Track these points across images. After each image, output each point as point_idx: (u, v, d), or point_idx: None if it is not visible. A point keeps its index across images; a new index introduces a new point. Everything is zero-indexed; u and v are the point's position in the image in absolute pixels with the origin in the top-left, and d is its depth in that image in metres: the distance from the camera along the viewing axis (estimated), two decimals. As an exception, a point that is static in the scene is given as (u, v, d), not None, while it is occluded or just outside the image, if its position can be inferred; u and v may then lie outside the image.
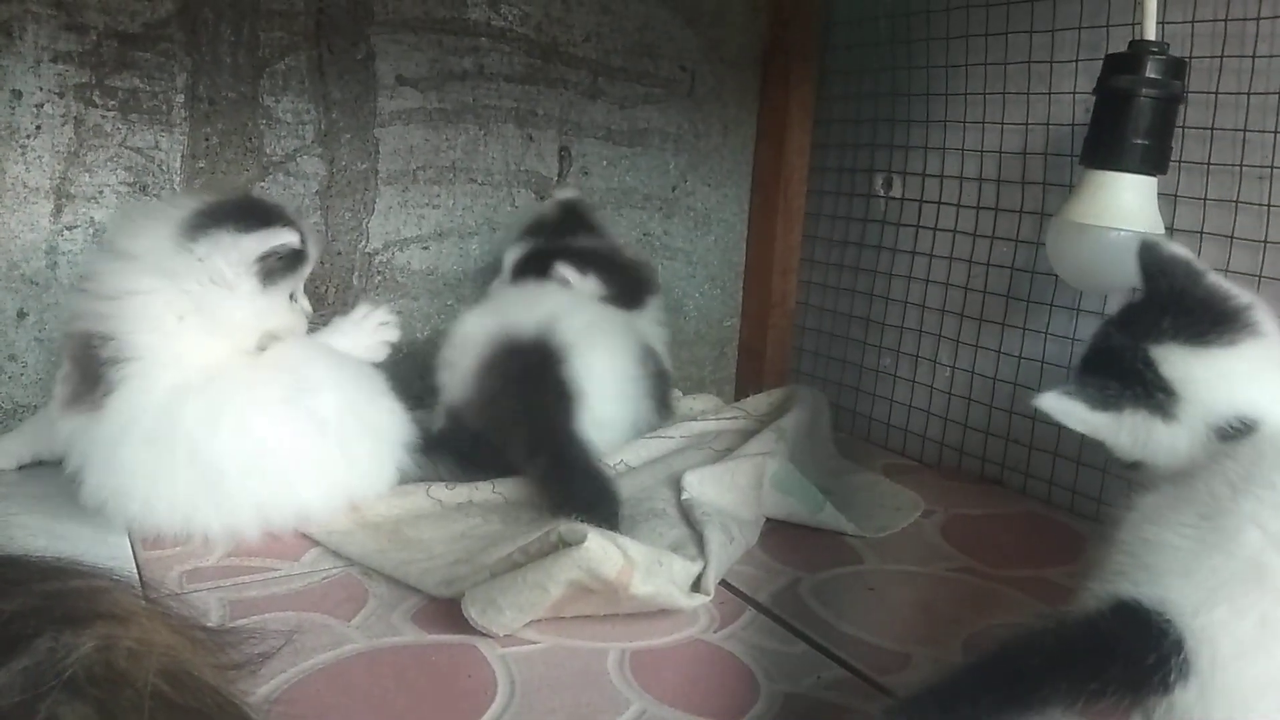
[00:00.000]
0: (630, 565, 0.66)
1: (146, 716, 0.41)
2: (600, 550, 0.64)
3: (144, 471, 0.72)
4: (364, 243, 1.05)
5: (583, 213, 1.06)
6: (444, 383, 0.91)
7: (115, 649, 0.43)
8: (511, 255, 1.00)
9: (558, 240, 1.01)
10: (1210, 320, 0.57)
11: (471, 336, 0.89)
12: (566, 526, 0.66)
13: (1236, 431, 0.54)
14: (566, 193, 1.08)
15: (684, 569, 0.71)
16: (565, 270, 0.96)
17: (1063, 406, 0.58)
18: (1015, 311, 1.01)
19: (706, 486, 0.84)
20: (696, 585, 0.72)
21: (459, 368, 0.89)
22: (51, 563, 0.52)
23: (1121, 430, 0.57)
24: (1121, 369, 0.57)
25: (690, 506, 0.81)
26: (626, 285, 1.01)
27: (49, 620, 0.44)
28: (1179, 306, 0.58)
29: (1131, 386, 0.56)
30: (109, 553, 0.74)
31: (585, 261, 0.98)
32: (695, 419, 1.02)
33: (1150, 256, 0.61)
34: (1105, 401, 0.57)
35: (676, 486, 0.84)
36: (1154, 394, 0.56)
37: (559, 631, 0.67)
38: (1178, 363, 0.56)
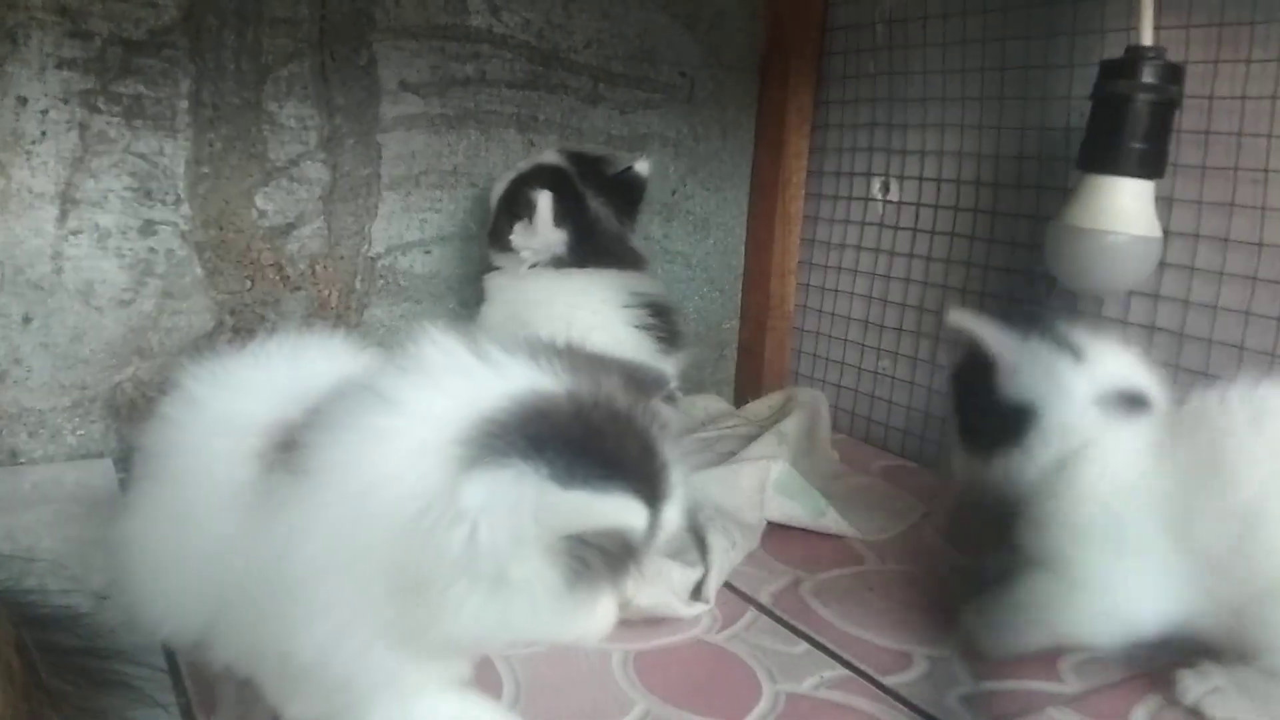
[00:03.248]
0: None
1: None
2: None
3: None
4: (367, 247, 1.06)
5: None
6: None
7: None
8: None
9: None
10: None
11: None
12: None
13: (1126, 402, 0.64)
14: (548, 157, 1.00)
15: (684, 577, 0.72)
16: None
17: (976, 323, 0.66)
18: (1013, 314, 1.01)
19: (710, 489, 0.84)
20: (697, 592, 0.72)
21: None
22: None
23: (1024, 354, 0.65)
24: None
25: (693, 509, 0.82)
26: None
27: None
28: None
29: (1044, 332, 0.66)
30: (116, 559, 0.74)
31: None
32: (697, 432, 1.03)
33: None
34: (1017, 329, 0.66)
35: (678, 488, 0.85)
36: (1067, 344, 0.66)
37: (563, 632, 0.68)
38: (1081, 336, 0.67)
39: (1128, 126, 0.77)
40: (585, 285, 0.93)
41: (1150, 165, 0.79)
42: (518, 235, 0.93)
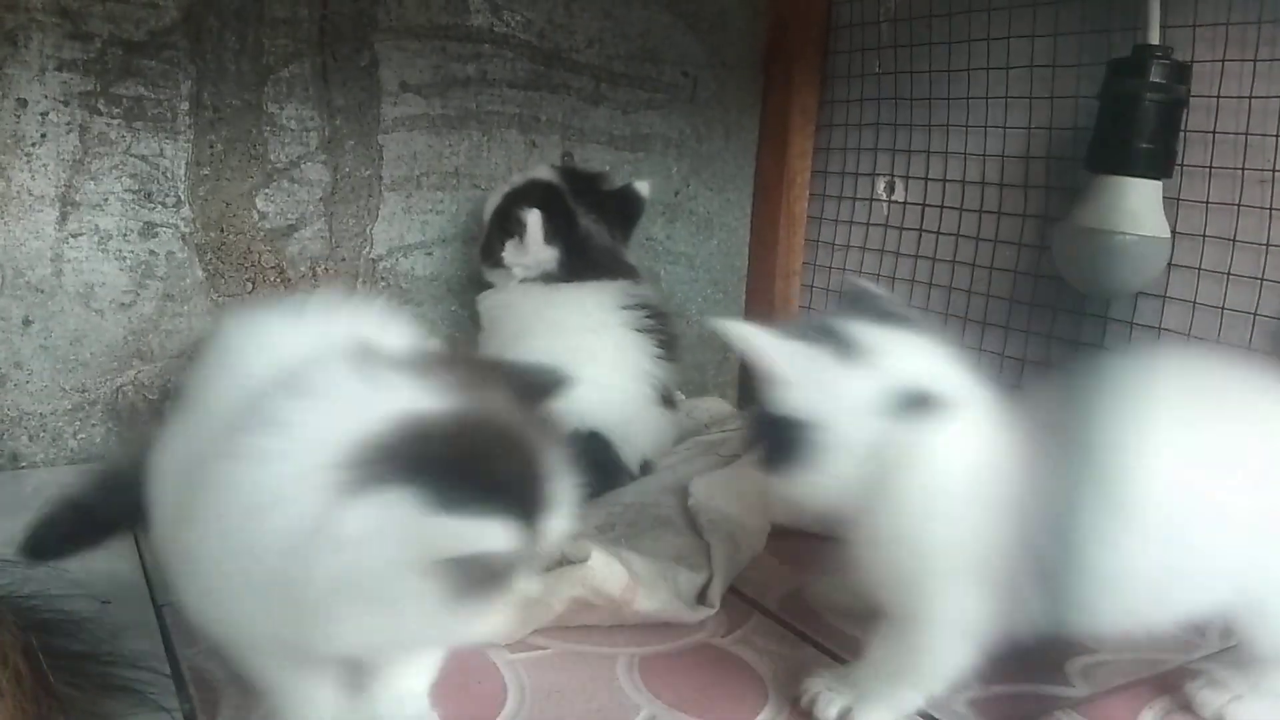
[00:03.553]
0: (635, 582, 0.66)
1: None
2: (604, 568, 0.64)
3: None
4: (368, 249, 1.06)
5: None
6: None
7: None
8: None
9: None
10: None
11: None
12: (570, 545, 0.65)
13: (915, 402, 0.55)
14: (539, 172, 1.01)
15: (689, 581, 0.71)
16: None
17: (745, 331, 0.56)
18: (1018, 315, 1.01)
19: (714, 492, 0.84)
20: (702, 596, 0.72)
21: None
22: None
23: (799, 362, 0.55)
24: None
25: (696, 512, 0.81)
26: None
27: None
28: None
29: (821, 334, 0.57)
30: (117, 562, 0.74)
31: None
32: (700, 434, 1.02)
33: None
34: (792, 333, 0.56)
35: (683, 493, 0.84)
36: (845, 345, 0.56)
37: (568, 637, 0.67)
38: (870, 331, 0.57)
39: (1136, 126, 0.77)
40: (578, 297, 0.94)
41: (1158, 165, 0.78)
42: (509, 253, 0.94)
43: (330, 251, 1.03)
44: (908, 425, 0.54)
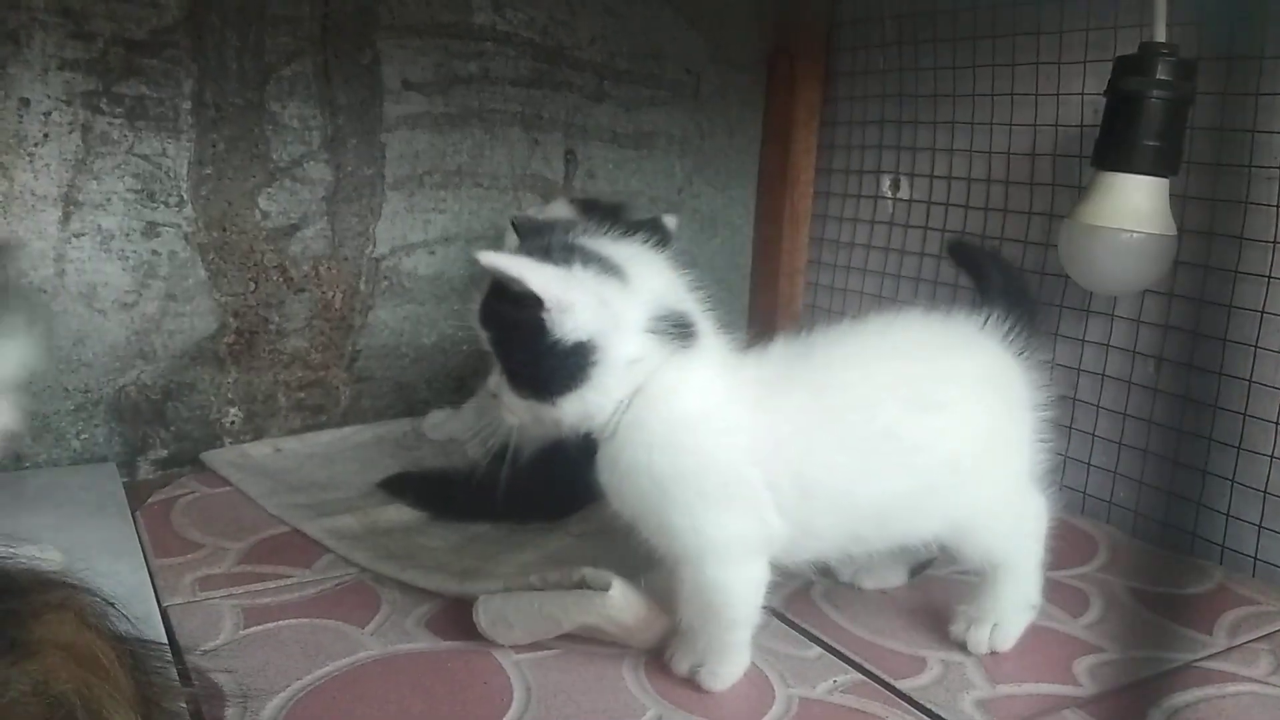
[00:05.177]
0: (651, 614, 0.65)
1: None
2: (622, 599, 0.64)
3: None
4: (371, 248, 1.05)
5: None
6: None
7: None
8: None
9: None
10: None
11: None
12: (592, 572, 0.65)
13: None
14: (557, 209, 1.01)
15: None
16: None
17: (510, 261, 0.56)
18: (1024, 313, 1.00)
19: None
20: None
21: None
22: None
23: (570, 285, 0.56)
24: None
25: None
26: None
27: None
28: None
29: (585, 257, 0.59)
30: (121, 563, 0.74)
31: None
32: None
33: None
34: (553, 258, 0.58)
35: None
36: (611, 267, 0.59)
37: (575, 638, 0.67)
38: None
39: (1142, 124, 0.76)
40: None
41: (1165, 163, 0.78)
42: None
43: (333, 251, 1.03)
44: (674, 346, 0.59)
